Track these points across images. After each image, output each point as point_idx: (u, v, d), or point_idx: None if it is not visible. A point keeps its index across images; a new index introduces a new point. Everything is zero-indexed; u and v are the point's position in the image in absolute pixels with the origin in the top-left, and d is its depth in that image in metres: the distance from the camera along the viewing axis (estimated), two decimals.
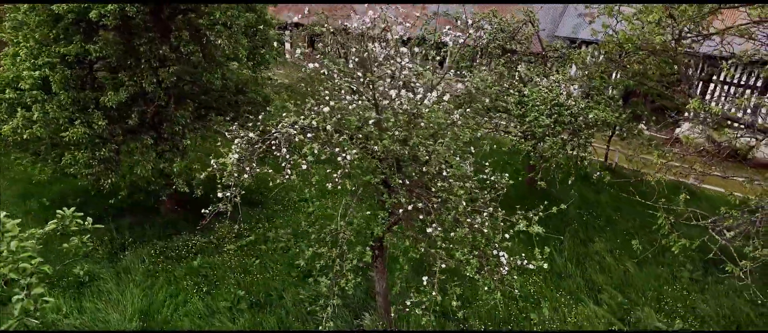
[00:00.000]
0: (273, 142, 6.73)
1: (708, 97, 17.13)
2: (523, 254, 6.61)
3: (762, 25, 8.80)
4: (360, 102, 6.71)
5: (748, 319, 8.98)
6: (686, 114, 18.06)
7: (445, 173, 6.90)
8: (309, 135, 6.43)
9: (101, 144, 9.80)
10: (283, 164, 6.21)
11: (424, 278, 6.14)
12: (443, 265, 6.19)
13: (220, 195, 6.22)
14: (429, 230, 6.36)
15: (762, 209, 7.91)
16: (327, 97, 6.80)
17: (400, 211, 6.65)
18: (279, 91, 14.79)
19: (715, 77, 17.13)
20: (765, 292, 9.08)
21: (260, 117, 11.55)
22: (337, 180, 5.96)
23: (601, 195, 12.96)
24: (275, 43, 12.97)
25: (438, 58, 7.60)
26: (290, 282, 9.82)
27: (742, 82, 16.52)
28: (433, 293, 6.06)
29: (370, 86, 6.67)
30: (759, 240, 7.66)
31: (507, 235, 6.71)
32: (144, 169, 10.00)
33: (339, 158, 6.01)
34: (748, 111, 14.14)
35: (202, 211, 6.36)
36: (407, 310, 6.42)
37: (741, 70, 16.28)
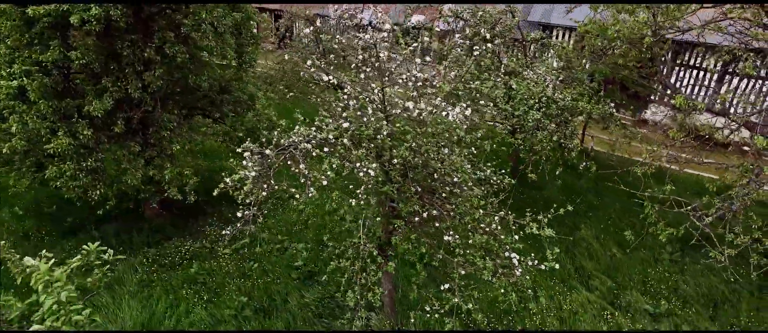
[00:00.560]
0: (286, 155, 6.67)
1: (673, 79, 18.01)
2: (533, 254, 6.93)
3: (736, 20, 9.37)
4: (371, 112, 6.72)
5: (723, 295, 9.74)
6: (652, 97, 19.03)
7: (455, 179, 7.07)
8: (325, 149, 6.41)
9: (87, 154, 9.36)
10: (302, 180, 6.17)
11: (446, 285, 6.36)
12: (463, 272, 6.41)
13: (239, 214, 6.13)
14: (448, 238, 6.54)
15: (741, 199, 8.52)
16: (339, 109, 6.77)
17: (416, 219, 6.79)
18: (259, 84, 14.47)
19: (678, 61, 17.99)
20: (737, 271, 9.84)
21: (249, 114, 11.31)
22: (361, 196, 6.01)
23: (582, 181, 13.53)
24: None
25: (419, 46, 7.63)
26: (292, 285, 9.82)
27: (704, 66, 17.44)
28: (456, 300, 6.29)
29: (381, 96, 6.70)
30: (739, 227, 8.28)
31: (516, 237, 7.02)
32: (133, 178, 9.65)
33: (360, 173, 6.04)
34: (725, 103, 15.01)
35: (223, 231, 6.26)
36: (428, 315, 6.63)
37: (703, 55, 17.17)
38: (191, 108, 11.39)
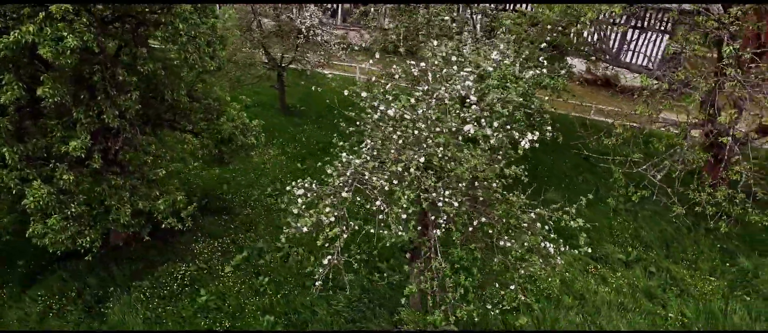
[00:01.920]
0: (344, 186, 6.66)
1: (586, 34, 20.00)
2: (562, 240, 7.93)
3: None
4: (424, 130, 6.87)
5: (671, 235, 11.81)
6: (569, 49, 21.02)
7: (494, 184, 7.66)
8: (395, 181, 6.49)
9: (69, 200, 8.18)
10: (380, 217, 6.25)
11: (511, 286, 7.09)
12: (523, 272, 7.16)
13: (325, 262, 6.06)
14: (503, 243, 7.21)
15: (691, 158, 10.24)
16: (395, 136, 6.81)
17: (470, 229, 7.30)
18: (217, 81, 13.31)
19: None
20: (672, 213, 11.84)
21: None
22: (443, 226, 6.30)
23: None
24: None
25: None
26: (313, 295, 9.83)
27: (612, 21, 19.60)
28: (522, 297, 7.06)
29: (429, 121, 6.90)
30: (695, 184, 10.02)
31: (546, 227, 7.96)
32: (124, 216, 8.70)
33: (439, 203, 6.27)
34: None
35: (316, 281, 6.17)
36: (490, 311, 7.37)
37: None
38: (159, 121, 10.28)
